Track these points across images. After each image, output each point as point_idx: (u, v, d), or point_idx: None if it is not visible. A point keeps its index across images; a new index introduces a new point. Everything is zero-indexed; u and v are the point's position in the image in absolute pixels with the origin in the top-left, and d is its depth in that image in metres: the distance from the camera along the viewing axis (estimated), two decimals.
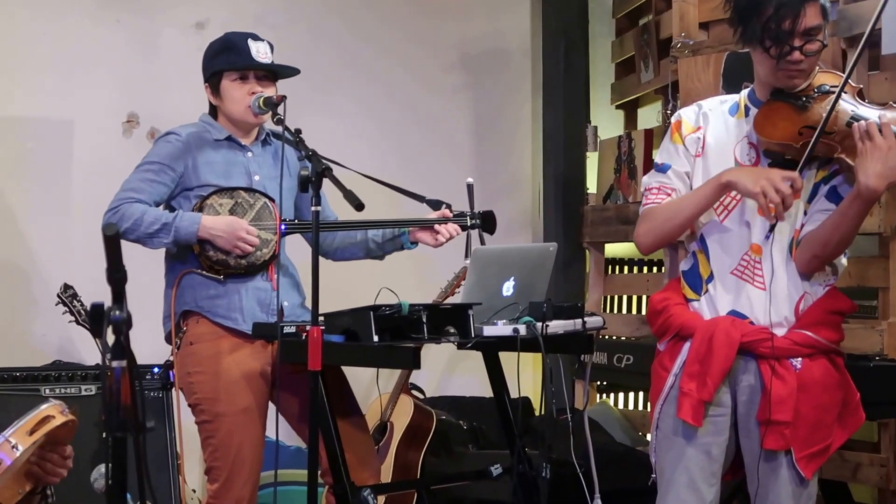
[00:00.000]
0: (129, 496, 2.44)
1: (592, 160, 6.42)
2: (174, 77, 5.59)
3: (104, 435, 2.23)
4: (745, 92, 3.53)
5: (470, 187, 4.27)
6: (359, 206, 3.57)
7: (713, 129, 3.48)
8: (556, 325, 3.84)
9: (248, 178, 4.14)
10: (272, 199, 4.09)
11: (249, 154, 4.18)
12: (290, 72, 4.21)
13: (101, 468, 4.61)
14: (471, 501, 5.30)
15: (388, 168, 6.07)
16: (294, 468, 5.35)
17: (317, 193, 3.56)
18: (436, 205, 4.20)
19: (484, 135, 6.46)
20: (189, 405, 4.16)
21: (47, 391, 4.82)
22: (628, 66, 6.42)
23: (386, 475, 5.19)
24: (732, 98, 3.55)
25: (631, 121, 6.56)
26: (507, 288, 3.93)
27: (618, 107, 6.62)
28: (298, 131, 3.75)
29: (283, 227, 4.07)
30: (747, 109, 3.48)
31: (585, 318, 3.96)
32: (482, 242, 4.29)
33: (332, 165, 3.67)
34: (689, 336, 3.43)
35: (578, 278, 6.39)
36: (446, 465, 5.40)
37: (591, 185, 6.42)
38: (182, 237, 3.97)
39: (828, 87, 3.36)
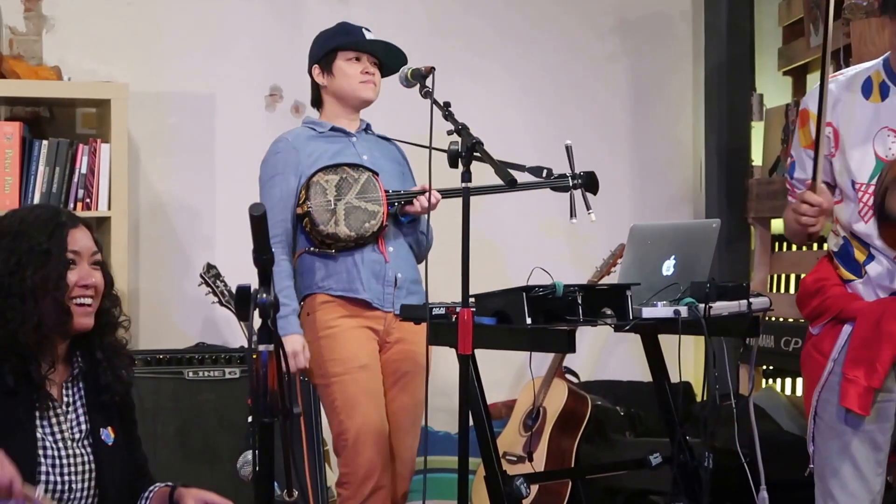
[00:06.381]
0: (275, 484, 2.48)
1: (758, 130, 6.32)
2: None
3: (249, 420, 2.27)
4: (877, 64, 3.37)
5: (568, 148, 4.49)
6: (511, 181, 3.56)
7: (846, 121, 3.35)
8: (720, 307, 3.81)
9: (358, 157, 4.44)
10: (376, 173, 4.36)
11: (354, 139, 4.49)
12: (399, 61, 4.40)
13: (248, 455, 4.69)
14: (628, 492, 5.28)
15: (541, 137, 6.09)
16: (442, 455, 5.40)
17: (467, 168, 3.57)
18: (537, 171, 4.35)
19: (641, 104, 6.41)
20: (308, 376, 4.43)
21: (191, 374, 4.93)
22: (796, 30, 6.29)
23: (539, 463, 5.20)
24: (863, 73, 3.38)
25: (799, 88, 6.44)
26: (668, 267, 3.91)
27: (785, 73, 6.50)
28: (448, 104, 3.77)
29: (389, 202, 4.34)
30: (885, 89, 3.32)
31: (751, 299, 3.92)
32: (586, 204, 4.48)
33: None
34: (848, 319, 3.37)
35: (743, 256, 6.31)
36: (602, 452, 5.38)
37: (757, 157, 6.33)
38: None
39: None
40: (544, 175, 4.29)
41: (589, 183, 4.53)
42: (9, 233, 2.95)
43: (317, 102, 4.59)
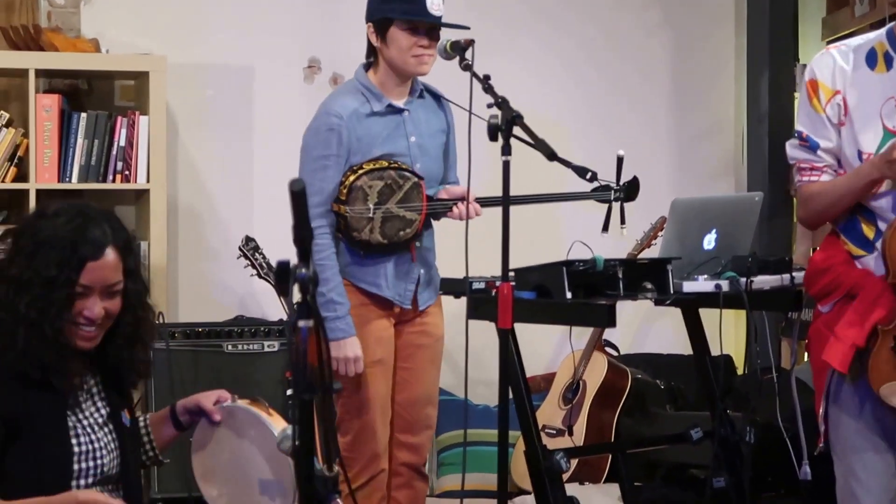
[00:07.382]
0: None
1: None
2: (357, 20, 5.62)
3: (287, 394, 2.28)
4: (880, 35, 3.31)
5: (620, 159, 4.31)
6: (551, 155, 3.56)
7: (854, 90, 3.29)
8: (762, 281, 3.81)
9: (406, 139, 4.31)
10: (422, 178, 4.25)
11: (406, 113, 4.35)
12: (458, 28, 4.29)
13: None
14: (668, 466, 5.28)
15: (577, 113, 6.07)
16: (481, 428, 5.41)
17: (507, 142, 3.56)
18: (581, 171, 4.14)
19: (683, 75, 6.37)
20: None
21: (230, 347, 4.96)
22: None
23: (579, 436, 5.21)
24: (866, 44, 3.32)
25: None
26: (709, 241, 3.90)
27: (829, 42, 6.46)
28: (487, 77, 3.75)
29: (428, 210, 4.27)
30: (889, 59, 3.27)
31: (793, 273, 3.91)
32: (622, 218, 4.36)
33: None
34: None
35: (785, 230, 6.27)
36: (642, 426, 5.39)
37: None
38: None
39: None
40: (588, 177, 4.17)
41: (630, 192, 4.39)
42: (33, 241, 2.86)
43: (371, 53, 4.38)
